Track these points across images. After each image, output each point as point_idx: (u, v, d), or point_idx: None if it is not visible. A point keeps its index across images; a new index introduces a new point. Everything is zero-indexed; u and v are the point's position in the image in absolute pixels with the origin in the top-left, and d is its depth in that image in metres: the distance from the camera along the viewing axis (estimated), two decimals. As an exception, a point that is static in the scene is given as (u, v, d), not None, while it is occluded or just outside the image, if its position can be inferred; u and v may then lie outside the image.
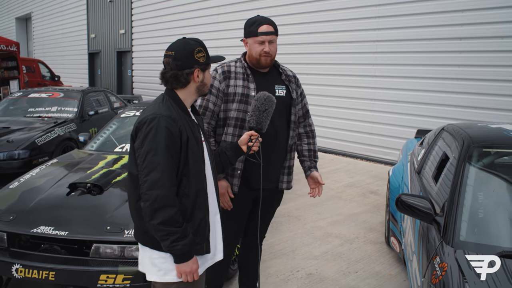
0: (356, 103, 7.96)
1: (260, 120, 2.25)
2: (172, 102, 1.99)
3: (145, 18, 14.15)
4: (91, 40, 17.69)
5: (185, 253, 1.87)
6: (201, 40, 2.06)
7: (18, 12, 25.03)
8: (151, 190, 1.81)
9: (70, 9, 19.00)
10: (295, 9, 8.93)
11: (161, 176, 1.82)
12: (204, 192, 1.99)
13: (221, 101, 2.58)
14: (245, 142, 2.26)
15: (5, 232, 2.88)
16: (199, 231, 1.96)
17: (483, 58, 6.37)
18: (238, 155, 2.30)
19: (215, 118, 2.60)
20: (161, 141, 1.85)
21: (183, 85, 2.00)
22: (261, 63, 2.55)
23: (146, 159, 1.85)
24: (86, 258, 2.75)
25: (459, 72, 6.63)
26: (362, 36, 7.77)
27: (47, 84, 14.13)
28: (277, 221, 4.84)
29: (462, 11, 6.55)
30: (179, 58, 1.96)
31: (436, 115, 6.84)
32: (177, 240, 1.83)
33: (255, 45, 2.52)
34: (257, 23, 2.52)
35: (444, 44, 6.74)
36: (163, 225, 1.81)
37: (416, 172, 3.52)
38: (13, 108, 7.13)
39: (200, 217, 1.96)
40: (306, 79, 8.71)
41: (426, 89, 6.99)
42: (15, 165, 5.39)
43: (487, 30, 6.29)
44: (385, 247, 4.19)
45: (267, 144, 2.54)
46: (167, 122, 1.87)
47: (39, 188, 3.39)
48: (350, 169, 7.31)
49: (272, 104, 2.28)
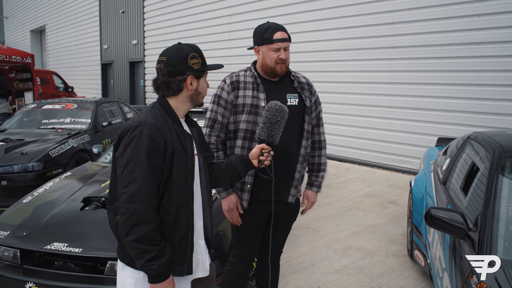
0: (372, 110, 7.82)
1: (272, 132, 2.10)
2: (162, 110, 1.86)
3: (157, 28, 14.22)
4: (104, 51, 17.85)
5: (160, 273, 1.72)
6: (197, 46, 1.93)
7: (32, 24, 25.46)
8: (128, 203, 1.68)
9: (83, 21, 19.23)
10: (308, 16, 8.86)
11: (140, 189, 1.68)
12: (187, 209, 1.84)
13: (230, 113, 2.47)
14: (256, 156, 2.10)
15: (19, 249, 2.81)
16: (179, 251, 1.82)
17: (502, 63, 6.21)
18: (248, 169, 2.15)
19: (224, 130, 2.48)
20: (142, 151, 1.71)
21: (174, 92, 1.87)
22: (276, 72, 2.44)
23: (126, 170, 1.71)
24: (101, 276, 2.67)
25: (479, 78, 6.46)
26: (376, 42, 7.65)
27: (61, 95, 14.24)
28: (295, 233, 4.71)
29: (479, 15, 6.41)
30: (171, 64, 1.84)
31: (455, 122, 6.67)
32: (153, 260, 1.69)
33: (270, 53, 2.40)
34: (271, 29, 2.40)
35: (462, 49, 6.59)
36: (138, 243, 1.67)
37: (441, 182, 3.37)
38: (27, 120, 7.12)
39: (181, 235, 1.82)
40: (320, 87, 8.55)
41: (444, 96, 6.84)
42: (29, 178, 5.34)
43: (506, 34, 6.13)
44: (408, 261, 4.03)
45: (277, 156, 2.39)
46: (150, 130, 1.74)
47: (52, 202, 3.32)
48: (367, 178, 7.15)
49: (284, 114, 2.13)
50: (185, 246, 1.84)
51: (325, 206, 5.65)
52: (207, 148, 2.17)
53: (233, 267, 2.66)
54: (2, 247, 2.85)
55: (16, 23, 28.54)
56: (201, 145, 2.06)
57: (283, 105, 2.16)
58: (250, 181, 2.44)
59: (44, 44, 24.86)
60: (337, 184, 6.75)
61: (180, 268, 1.83)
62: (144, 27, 14.95)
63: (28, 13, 25.95)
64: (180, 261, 1.83)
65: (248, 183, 2.44)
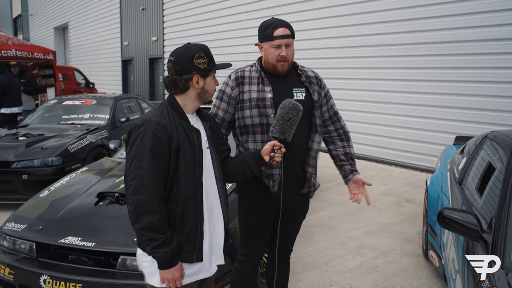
0: (390, 108, 7.72)
1: (284, 130, 2.13)
2: (170, 107, 1.97)
3: (176, 25, 14.31)
4: (124, 48, 18.08)
5: (166, 260, 1.86)
6: (205, 46, 2.00)
7: (56, 22, 25.97)
8: (135, 195, 1.82)
9: (104, 18, 19.50)
10: (326, 13, 8.78)
11: (145, 182, 1.81)
12: (195, 199, 1.93)
13: (233, 108, 2.45)
14: (268, 152, 2.17)
15: (35, 242, 2.87)
16: (189, 239, 1.93)
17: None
18: (260, 165, 2.21)
19: (225, 126, 2.47)
20: (146, 147, 1.83)
21: (181, 90, 1.97)
22: (278, 69, 2.40)
23: (132, 164, 1.84)
24: (113, 270, 2.70)
25: (499, 75, 6.30)
26: (395, 39, 7.54)
27: (82, 91, 14.50)
28: (309, 231, 4.70)
29: (500, 11, 6.24)
30: (178, 63, 1.94)
31: (475, 120, 6.53)
32: (159, 247, 1.83)
33: (271, 50, 2.37)
34: (272, 26, 2.36)
35: (482, 46, 6.44)
36: (145, 231, 1.82)
37: (457, 182, 3.30)
38: (48, 116, 7.27)
39: (190, 225, 1.93)
40: (338, 84, 8.53)
41: (463, 93, 6.70)
42: (49, 172, 5.45)
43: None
44: (423, 261, 3.97)
45: (289, 151, 2.38)
46: (154, 128, 1.85)
47: (68, 197, 3.38)
48: (384, 176, 7.06)
49: (297, 112, 2.14)
50: (194, 235, 1.94)
51: (341, 204, 5.61)
52: (223, 142, 2.25)
53: (241, 264, 2.66)
54: (19, 239, 2.92)
55: (41, 21, 29.16)
56: (215, 139, 2.14)
57: (297, 103, 2.16)
58: (279, 173, 2.39)
59: (67, 41, 25.34)
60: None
61: (190, 255, 1.95)
62: (164, 24, 15.07)
63: (52, 11, 26.49)
64: (189, 249, 1.94)
65: (277, 175, 2.40)
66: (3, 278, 2.89)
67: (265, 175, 2.44)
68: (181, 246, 1.93)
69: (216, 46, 11.67)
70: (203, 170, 1.99)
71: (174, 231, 1.91)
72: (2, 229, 3.06)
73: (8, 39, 10.05)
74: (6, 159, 5.43)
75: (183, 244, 1.93)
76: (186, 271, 1.96)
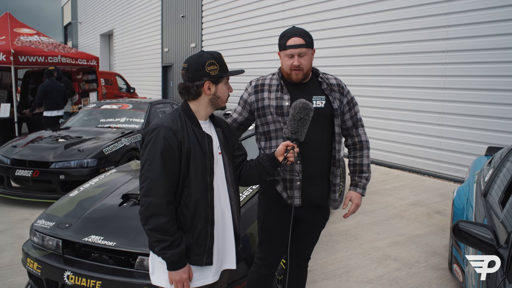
0: (424, 116, 7.52)
1: (296, 129, 2.16)
2: (182, 113, 2.04)
3: (214, 32, 14.58)
4: (165, 54, 18.58)
5: (174, 261, 1.91)
6: (217, 54, 2.07)
7: (102, 29, 27.07)
8: (145, 197, 1.89)
9: (146, 25, 20.14)
10: (361, 20, 8.69)
11: (155, 185, 1.88)
12: (205, 203, 1.98)
13: (248, 113, 2.55)
14: (282, 153, 2.19)
15: (61, 239, 3.03)
16: (199, 242, 1.98)
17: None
18: (275, 166, 2.23)
19: (241, 129, 2.59)
20: (157, 151, 1.90)
21: (193, 97, 2.04)
22: (292, 78, 2.44)
23: (144, 167, 1.93)
24: (131, 269, 2.80)
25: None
26: (430, 46, 7.35)
27: (123, 95, 15.02)
28: (333, 239, 4.66)
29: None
30: (191, 70, 2.01)
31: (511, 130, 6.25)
32: (167, 248, 1.89)
33: (285, 59, 2.42)
34: (286, 35, 2.41)
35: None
36: (154, 232, 1.88)
37: (482, 194, 3.19)
38: (87, 119, 7.61)
39: (200, 228, 1.97)
40: (372, 91, 8.42)
41: (502, 102, 6.42)
42: (84, 173, 5.71)
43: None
44: (447, 275, 3.85)
45: (308, 158, 2.42)
46: (166, 133, 1.93)
47: (95, 197, 3.53)
48: (415, 186, 6.89)
49: (308, 111, 2.17)
50: (204, 238, 1.99)
51: (368, 213, 5.52)
52: (238, 147, 2.29)
53: (258, 268, 2.70)
54: (48, 236, 3.09)
55: (88, 28, 30.49)
56: (228, 145, 2.18)
57: (307, 102, 2.18)
58: (300, 178, 2.43)
59: (112, 47, 26.34)
60: (384, 191, 6.57)
61: (199, 258, 1.99)
62: (202, 31, 15.38)
63: (98, 19, 27.64)
64: (199, 252, 1.99)
65: (297, 180, 2.43)
66: (31, 272, 3.06)
67: (279, 183, 2.47)
68: (191, 249, 1.98)
69: (253, 52, 11.81)
70: (214, 175, 2.04)
71: (185, 234, 1.97)
72: (34, 226, 3.24)
73: (55, 46, 10.59)
74: (46, 160, 5.75)
75: (193, 246, 1.98)
76: (195, 274, 2.01)
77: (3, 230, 4.90)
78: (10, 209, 5.63)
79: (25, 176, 5.75)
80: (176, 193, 1.97)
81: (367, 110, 8.52)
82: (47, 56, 9.80)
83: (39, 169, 5.71)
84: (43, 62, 9.73)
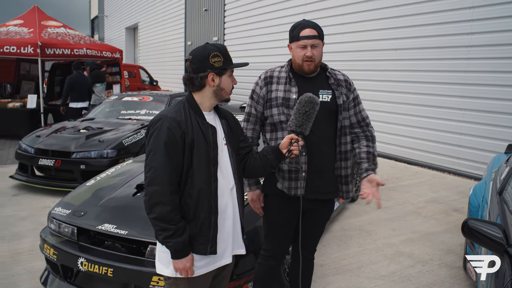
0: (445, 112, 7.36)
1: (300, 122, 2.17)
2: (187, 104, 2.07)
3: (237, 25, 14.59)
4: (188, 47, 18.71)
5: (177, 250, 1.94)
6: (222, 46, 2.09)
7: (127, 22, 27.46)
8: (149, 186, 1.93)
9: (170, 19, 20.33)
10: (382, 14, 8.54)
11: (158, 174, 1.92)
12: (209, 193, 2.01)
13: (262, 107, 2.55)
14: (286, 145, 2.20)
15: (76, 227, 3.12)
16: (202, 231, 2.00)
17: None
18: (279, 159, 2.24)
19: (259, 123, 2.59)
20: (161, 142, 1.93)
21: (197, 88, 2.06)
22: (304, 69, 2.45)
23: (148, 157, 1.96)
24: (142, 258, 2.86)
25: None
26: (452, 41, 7.17)
27: (146, 88, 15.24)
28: (347, 234, 4.65)
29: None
30: (195, 62, 2.04)
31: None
32: (170, 237, 1.92)
33: (297, 50, 2.43)
34: (299, 26, 2.43)
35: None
36: (157, 221, 1.92)
37: (497, 192, 3.12)
38: (108, 111, 7.77)
39: (203, 217, 1.99)
40: (392, 86, 8.29)
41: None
42: (104, 163, 5.84)
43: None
44: (461, 273, 3.79)
45: (313, 152, 2.44)
46: (170, 123, 1.96)
47: (111, 187, 3.62)
48: (434, 183, 6.77)
49: (313, 105, 2.17)
50: (207, 228, 2.02)
51: (384, 209, 5.47)
52: (243, 139, 2.31)
53: (264, 260, 2.73)
54: (64, 223, 3.19)
55: (114, 21, 30.98)
56: (233, 136, 2.21)
57: (314, 96, 2.19)
58: (305, 169, 2.45)
59: (137, 40, 26.70)
60: (401, 188, 6.48)
61: (203, 247, 2.02)
62: (225, 24, 15.42)
63: (124, 12, 28.04)
64: (203, 241, 2.02)
65: (302, 171, 2.45)
66: (48, 257, 3.17)
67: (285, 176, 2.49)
68: (194, 238, 2.01)
69: (275, 46, 11.77)
70: (218, 165, 2.07)
71: (188, 223, 2.01)
72: (51, 213, 3.35)
73: (81, 38, 10.82)
74: (68, 150, 5.92)
75: (196, 236, 2.01)
76: (198, 262, 2.05)
77: (26, 217, 5.08)
78: (33, 197, 5.82)
79: (48, 165, 5.94)
80: (180, 183, 2.00)
81: (387, 106, 8.40)
82: (72, 49, 10.04)
83: (61, 159, 5.88)
84: (69, 55, 9.98)
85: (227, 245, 2.14)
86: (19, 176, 6.30)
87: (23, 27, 10.11)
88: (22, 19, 10.61)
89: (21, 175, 6.30)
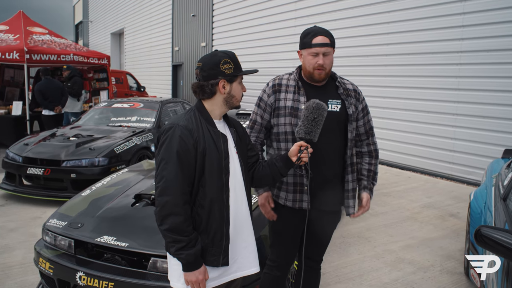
0: (437, 117, 7.42)
1: (309, 130, 2.11)
2: (197, 112, 2.02)
3: (225, 31, 14.55)
4: (175, 53, 18.60)
5: (189, 262, 1.88)
6: (231, 53, 2.05)
7: (113, 27, 27.20)
8: (161, 196, 1.87)
9: (157, 24, 20.19)
10: (374, 19, 8.59)
11: (171, 184, 1.86)
12: (221, 203, 1.96)
13: (269, 115, 2.49)
14: (295, 153, 2.14)
15: (73, 239, 3.00)
16: (214, 242, 1.95)
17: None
18: (288, 167, 2.19)
19: (263, 131, 2.53)
20: (173, 150, 1.88)
21: (208, 96, 2.01)
22: (315, 77, 2.40)
23: (160, 167, 1.90)
24: (144, 271, 2.76)
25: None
26: (444, 47, 7.24)
27: (133, 94, 15.07)
28: (346, 241, 4.61)
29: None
30: (205, 69, 1.99)
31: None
32: (182, 249, 1.86)
33: (308, 57, 2.38)
34: (311, 33, 2.38)
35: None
36: (169, 232, 1.86)
37: (501, 198, 3.11)
38: (98, 117, 7.61)
39: (215, 228, 1.95)
40: (384, 92, 8.33)
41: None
42: (96, 172, 5.71)
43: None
44: (463, 279, 3.78)
45: (321, 163, 2.39)
46: (181, 132, 1.91)
47: (107, 197, 3.51)
48: (428, 188, 6.80)
49: (322, 112, 2.12)
50: (220, 239, 1.96)
51: (381, 215, 5.45)
52: (251, 148, 2.26)
53: (269, 270, 2.68)
54: (60, 236, 3.07)
55: (99, 27, 30.66)
56: (242, 145, 2.16)
57: (321, 102, 2.14)
58: (307, 183, 2.40)
59: (122, 46, 26.45)
60: (396, 193, 6.48)
61: (215, 259, 1.97)
62: (213, 30, 15.37)
63: (109, 17, 27.78)
64: (215, 252, 1.96)
65: (305, 185, 2.41)
66: (44, 271, 3.04)
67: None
68: (206, 249, 1.96)
69: (264, 52, 11.76)
70: (229, 174, 2.02)
71: (200, 234, 1.95)
72: (46, 225, 3.22)
73: (67, 45, 10.64)
74: (57, 158, 5.76)
75: (208, 247, 1.95)
76: (211, 274, 1.99)
77: (15, 228, 4.92)
78: (21, 207, 5.65)
79: (37, 174, 5.77)
80: (191, 193, 1.94)
81: (380, 111, 8.43)
82: (59, 55, 9.85)
83: (51, 168, 5.71)
84: (55, 61, 9.78)
85: (239, 256, 2.08)
86: (6, 185, 6.10)
87: (8, 33, 9.90)
88: (7, 25, 10.39)
89: (8, 184, 6.11)
